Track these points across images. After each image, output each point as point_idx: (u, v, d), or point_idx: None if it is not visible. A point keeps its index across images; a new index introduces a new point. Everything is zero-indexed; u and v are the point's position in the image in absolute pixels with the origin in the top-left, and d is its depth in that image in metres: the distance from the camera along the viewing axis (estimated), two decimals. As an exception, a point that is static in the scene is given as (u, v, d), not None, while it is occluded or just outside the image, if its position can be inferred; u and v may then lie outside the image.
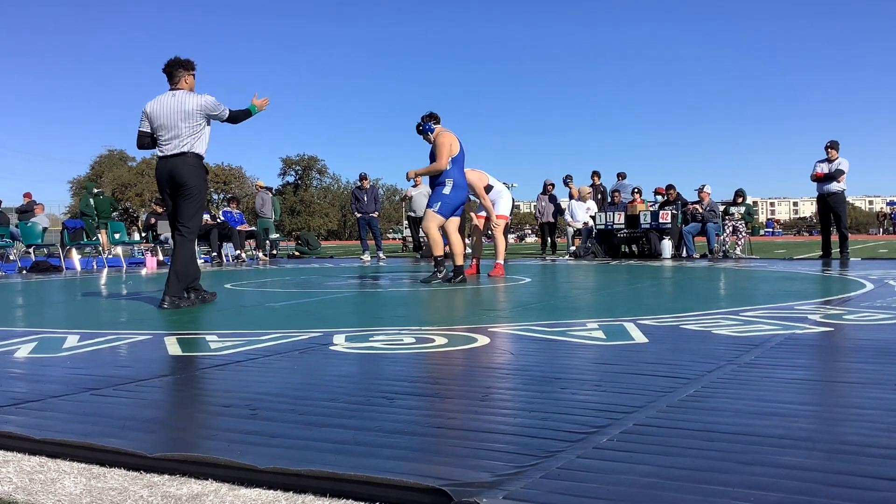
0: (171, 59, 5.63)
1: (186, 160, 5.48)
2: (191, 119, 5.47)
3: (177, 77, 5.61)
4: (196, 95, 5.55)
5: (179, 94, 5.56)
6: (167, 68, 5.61)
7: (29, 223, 13.16)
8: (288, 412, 2.16)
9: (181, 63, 5.63)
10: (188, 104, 5.48)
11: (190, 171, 5.49)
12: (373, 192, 15.38)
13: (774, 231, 45.20)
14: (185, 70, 5.64)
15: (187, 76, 5.65)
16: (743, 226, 13.08)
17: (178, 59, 5.64)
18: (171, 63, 5.62)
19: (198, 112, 5.49)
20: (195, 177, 5.51)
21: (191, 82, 5.68)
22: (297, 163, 69.61)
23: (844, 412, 2.15)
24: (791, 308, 4.66)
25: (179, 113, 5.47)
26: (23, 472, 1.73)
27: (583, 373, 2.76)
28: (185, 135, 5.47)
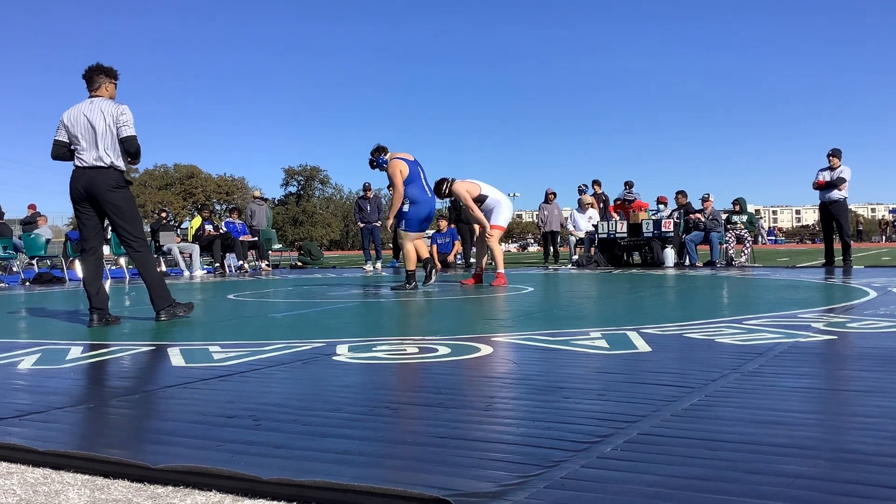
0: (92, 65, 5.35)
1: (106, 175, 5.17)
2: (106, 129, 5.16)
3: (96, 83, 5.32)
4: (113, 104, 5.24)
5: (98, 101, 5.24)
6: (87, 73, 5.33)
7: (32, 234, 13.18)
8: (291, 423, 2.16)
9: (103, 69, 5.37)
10: (108, 111, 5.19)
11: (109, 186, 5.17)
12: (376, 201, 15.44)
13: (777, 239, 45.12)
14: (108, 77, 5.37)
15: (108, 84, 5.37)
16: (747, 234, 13.09)
17: (99, 65, 5.38)
18: (92, 68, 5.34)
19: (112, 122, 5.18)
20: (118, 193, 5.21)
21: (111, 91, 5.39)
22: (300, 173, 69.78)
23: (849, 420, 2.14)
24: (794, 316, 4.66)
25: (96, 121, 5.17)
26: (27, 484, 1.73)
27: (586, 382, 2.76)
28: (102, 145, 5.17)
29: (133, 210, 5.36)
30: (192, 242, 14.46)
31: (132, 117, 5.22)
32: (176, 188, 56.33)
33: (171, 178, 57.07)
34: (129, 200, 5.32)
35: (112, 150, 5.20)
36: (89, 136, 5.21)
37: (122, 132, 5.17)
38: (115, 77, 5.43)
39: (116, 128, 5.17)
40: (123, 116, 5.18)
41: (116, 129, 5.17)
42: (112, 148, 5.20)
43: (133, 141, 5.20)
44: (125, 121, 5.18)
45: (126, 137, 5.18)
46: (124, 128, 5.17)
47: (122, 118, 5.18)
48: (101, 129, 5.17)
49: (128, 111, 5.23)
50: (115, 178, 5.22)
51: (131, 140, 5.19)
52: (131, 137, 5.19)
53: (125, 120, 5.18)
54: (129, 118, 5.20)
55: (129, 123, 5.19)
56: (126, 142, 5.19)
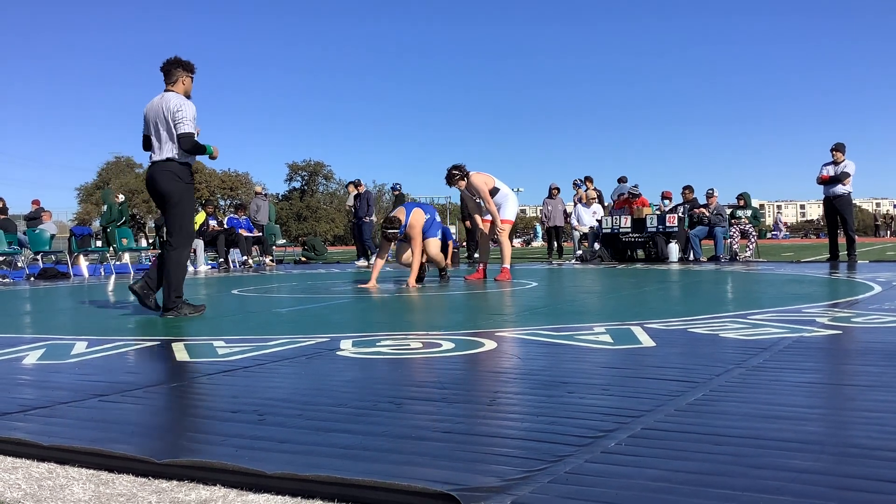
0: (171, 58, 5.35)
1: (165, 167, 5.22)
2: (167, 124, 5.17)
3: (174, 76, 5.32)
4: (177, 98, 5.23)
5: (165, 96, 5.26)
6: (165, 66, 5.33)
7: (37, 230, 13.21)
8: (295, 417, 2.16)
9: (181, 63, 5.35)
10: (169, 106, 5.18)
11: (166, 178, 5.21)
12: (365, 197, 15.45)
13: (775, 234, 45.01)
14: (185, 71, 5.35)
15: (185, 77, 5.35)
16: (752, 229, 13.06)
17: (177, 59, 5.36)
18: (170, 61, 5.35)
19: (170, 115, 5.17)
20: (172, 184, 5.22)
21: (188, 85, 5.38)
22: (304, 168, 69.76)
23: (853, 415, 2.14)
24: (799, 311, 4.65)
25: (159, 117, 5.21)
26: (32, 479, 1.74)
27: (590, 377, 2.76)
28: (164, 139, 5.19)
29: (183, 206, 5.30)
30: (196, 238, 14.47)
31: (190, 113, 5.19)
32: (180, 184, 56.39)
33: (175, 173, 57.12)
34: (182, 194, 5.27)
35: (171, 144, 5.20)
36: (155, 129, 5.25)
37: (178, 128, 5.17)
38: (192, 71, 5.41)
39: (174, 123, 5.16)
40: (180, 112, 5.16)
41: (174, 124, 5.17)
42: (171, 142, 5.20)
43: (187, 138, 5.17)
44: (181, 117, 5.15)
45: (180, 134, 5.17)
46: (180, 124, 5.16)
47: (178, 114, 5.16)
48: (163, 124, 5.20)
49: (186, 107, 5.19)
50: (172, 171, 5.22)
51: (184, 137, 5.17)
52: (184, 135, 5.17)
53: (181, 116, 5.16)
54: (185, 114, 5.16)
55: (184, 120, 5.15)
56: (181, 138, 5.17)
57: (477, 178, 8.59)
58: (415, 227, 7.85)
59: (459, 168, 8.61)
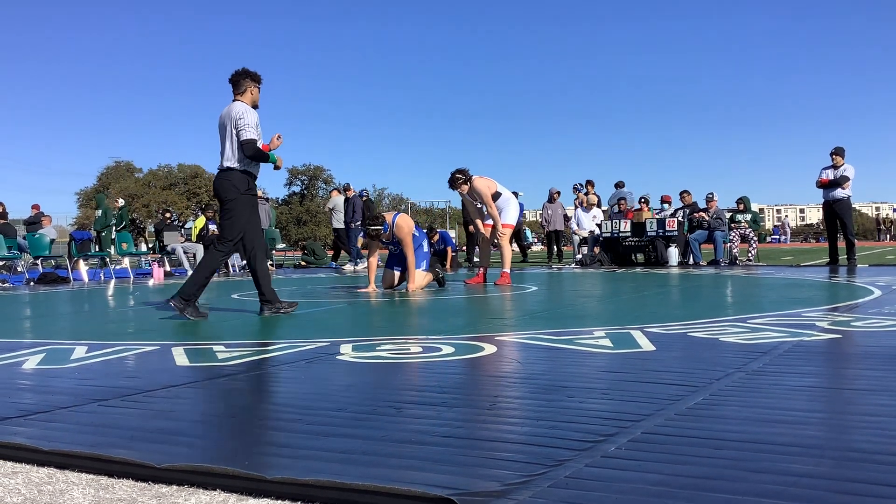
0: (240, 69, 5.48)
1: (225, 176, 5.35)
2: (230, 132, 5.30)
3: (242, 87, 5.44)
4: (240, 107, 5.33)
5: (231, 105, 5.39)
6: (234, 77, 5.46)
7: (36, 235, 13.20)
8: (295, 422, 2.16)
9: (249, 74, 5.47)
10: (232, 114, 5.31)
11: (225, 187, 5.34)
12: (352, 202, 15.39)
13: (781, 238, 45.03)
14: (253, 82, 5.47)
15: (253, 88, 5.46)
16: (752, 233, 13.06)
17: (246, 70, 5.48)
18: (239, 72, 5.47)
19: (232, 123, 5.28)
20: (229, 193, 5.32)
21: (255, 95, 5.48)
22: (304, 172, 69.80)
23: (853, 419, 2.14)
24: (799, 315, 4.65)
25: (226, 126, 5.34)
26: (31, 484, 1.74)
27: (590, 381, 2.76)
28: (227, 148, 5.34)
29: (237, 216, 5.38)
30: (196, 242, 14.48)
31: (252, 121, 5.29)
32: (180, 188, 56.33)
33: (175, 178, 57.06)
34: (236, 204, 5.35)
35: (234, 152, 5.32)
36: (221, 137, 5.38)
37: (241, 135, 5.27)
38: (259, 81, 5.54)
39: (236, 130, 5.26)
40: (241, 120, 5.25)
41: (236, 131, 5.26)
42: (234, 150, 5.31)
43: (248, 145, 5.27)
44: (243, 124, 5.25)
45: (242, 140, 5.27)
46: (242, 131, 5.26)
47: (240, 122, 5.26)
48: (228, 132, 5.31)
49: (248, 115, 5.29)
50: (230, 181, 5.34)
51: (246, 144, 5.26)
52: (245, 141, 5.27)
53: (243, 123, 5.25)
54: (247, 121, 5.26)
55: (247, 126, 5.25)
56: (243, 144, 5.27)
57: (480, 182, 8.61)
58: (402, 228, 7.80)
59: (463, 172, 8.63)
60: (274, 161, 5.51)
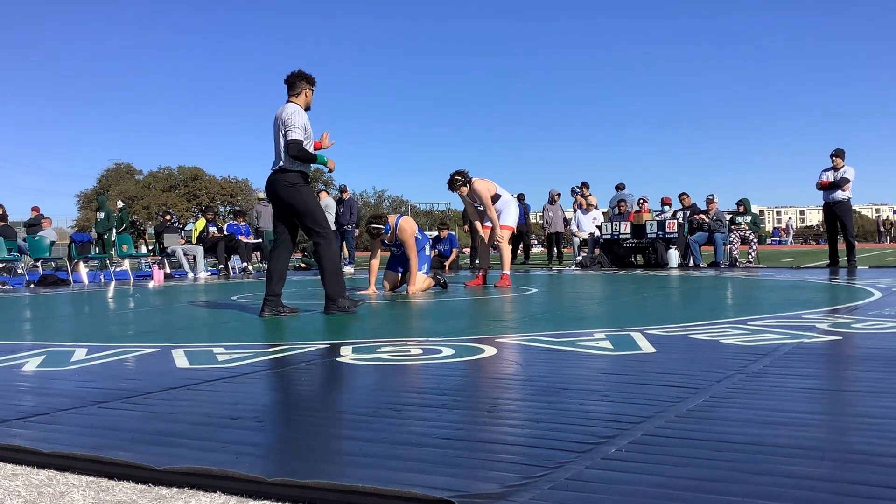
0: (295, 71, 5.59)
1: (278, 177, 5.45)
2: (280, 132, 5.40)
3: (298, 89, 5.54)
4: (291, 106, 5.45)
5: (284, 106, 5.50)
6: (290, 78, 5.56)
7: (37, 237, 13.20)
8: (296, 423, 2.16)
9: (304, 76, 5.57)
10: (282, 115, 5.42)
11: (279, 187, 5.44)
12: (349, 204, 15.42)
13: (781, 240, 45.01)
14: (308, 84, 5.58)
15: (307, 90, 5.58)
16: (752, 235, 13.07)
17: (301, 72, 5.59)
18: (294, 74, 5.57)
19: (282, 123, 5.39)
20: (286, 191, 5.42)
21: (309, 97, 5.59)
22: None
23: (854, 421, 2.14)
24: (799, 317, 4.65)
25: (276, 126, 5.46)
26: (31, 486, 1.74)
27: (590, 383, 2.76)
28: (279, 148, 5.44)
29: (309, 205, 5.51)
30: (196, 244, 14.48)
31: (300, 122, 5.38)
32: (180, 190, 56.27)
33: (175, 179, 57.00)
34: (303, 196, 5.47)
35: (280, 153, 5.42)
36: (274, 139, 5.49)
37: (287, 135, 5.36)
38: (313, 84, 5.64)
39: (285, 130, 5.37)
40: (290, 120, 5.36)
41: (285, 131, 5.37)
42: (279, 151, 5.42)
43: (293, 145, 5.36)
44: (291, 124, 5.35)
45: (288, 140, 5.37)
46: (289, 131, 5.36)
47: (288, 122, 5.36)
48: (278, 133, 5.43)
49: (297, 115, 5.39)
50: (285, 180, 5.43)
51: (291, 144, 5.35)
52: (290, 142, 5.35)
53: (291, 123, 5.35)
54: (294, 122, 5.36)
55: (294, 127, 5.35)
56: (288, 144, 5.36)
57: (479, 184, 8.61)
58: (405, 230, 7.86)
59: (462, 174, 8.63)
60: (324, 162, 5.61)
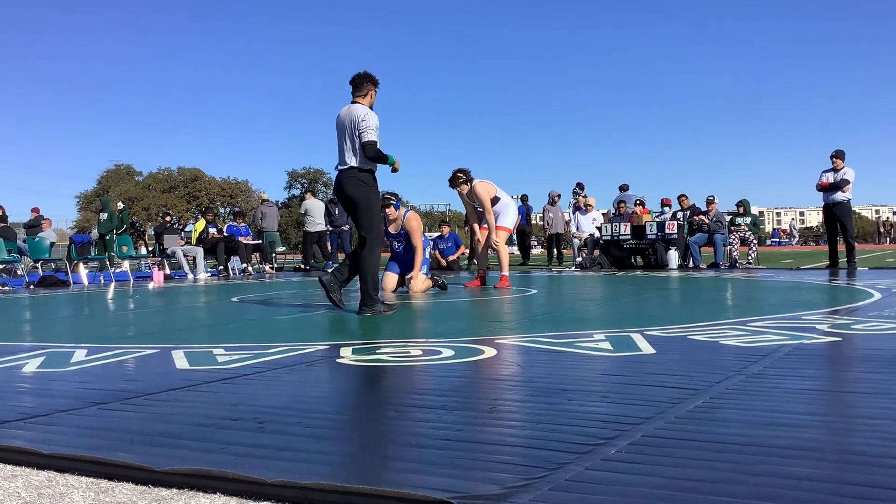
0: (361, 72, 5.73)
1: (351, 175, 5.56)
2: (352, 132, 5.52)
3: (364, 90, 5.68)
4: (361, 109, 5.58)
5: (352, 107, 5.64)
6: (356, 79, 5.70)
7: (36, 238, 13.20)
8: (295, 425, 2.16)
9: (370, 77, 5.73)
10: (354, 116, 5.54)
11: (352, 184, 5.56)
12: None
13: (782, 241, 45.04)
14: (373, 85, 5.73)
15: (372, 91, 5.73)
16: (752, 236, 13.07)
17: (367, 73, 5.74)
18: (360, 75, 5.71)
19: (355, 125, 5.52)
20: (358, 190, 5.56)
21: (373, 97, 5.74)
22: (303, 176, 69.88)
23: (854, 422, 2.14)
24: (799, 318, 4.65)
25: (346, 126, 5.57)
26: (31, 487, 1.74)
27: (590, 384, 2.76)
28: (348, 148, 5.55)
29: (372, 209, 5.64)
30: (196, 245, 14.48)
31: (374, 123, 5.51)
32: (180, 191, 56.24)
33: (174, 181, 56.98)
34: (369, 197, 5.61)
35: (354, 152, 5.53)
36: (341, 138, 5.62)
37: (363, 137, 5.48)
38: (377, 84, 5.78)
39: (359, 133, 5.48)
40: (364, 122, 5.48)
41: (358, 133, 5.48)
42: (354, 151, 5.53)
43: (370, 146, 5.48)
44: (365, 126, 5.47)
45: (364, 142, 5.48)
46: (364, 133, 5.48)
47: (363, 124, 5.48)
48: (348, 134, 5.54)
49: (370, 117, 5.52)
50: (356, 178, 5.56)
51: (368, 145, 5.48)
52: (367, 143, 5.48)
53: (365, 126, 5.47)
54: (369, 124, 5.49)
55: (369, 129, 5.48)
56: (364, 146, 5.48)
57: (480, 186, 8.62)
58: (412, 222, 8.05)
59: (465, 172, 8.65)
60: (392, 163, 5.70)
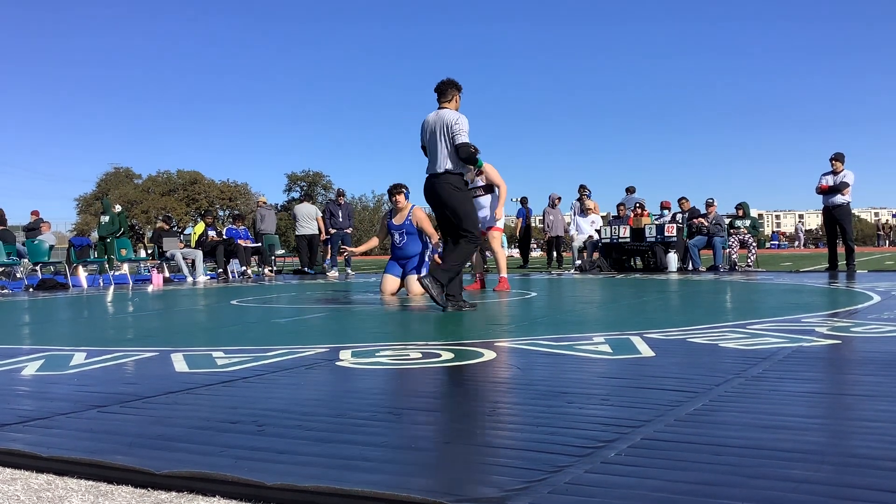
0: (445, 79, 5.93)
1: (443, 179, 5.72)
2: (444, 137, 5.67)
3: (449, 95, 5.85)
4: (451, 114, 5.75)
5: (441, 112, 5.79)
6: (441, 86, 5.88)
7: (36, 241, 13.20)
8: (295, 428, 2.16)
9: (454, 83, 5.91)
10: (446, 120, 5.68)
11: (446, 189, 5.71)
12: (347, 209, 15.65)
13: (780, 244, 45.05)
14: (457, 90, 5.91)
15: (457, 95, 5.91)
16: (751, 238, 13.08)
17: (451, 79, 5.93)
18: (445, 82, 5.90)
19: (445, 130, 5.66)
20: (453, 195, 5.71)
21: (458, 101, 5.92)
22: (303, 178, 69.88)
23: (853, 425, 2.14)
24: (798, 321, 4.65)
25: (436, 131, 5.71)
26: (30, 490, 1.73)
27: (590, 387, 2.76)
28: (440, 152, 5.68)
29: (468, 208, 5.82)
30: (195, 248, 14.48)
31: (466, 126, 5.69)
32: (179, 194, 56.28)
33: (174, 183, 57.01)
34: (462, 202, 5.79)
35: (447, 156, 5.70)
36: (431, 143, 5.79)
37: (456, 139, 5.68)
38: (460, 89, 5.94)
39: (451, 136, 5.65)
40: (457, 125, 5.66)
41: (451, 136, 5.65)
42: (447, 155, 5.69)
43: (464, 148, 5.67)
44: (458, 129, 5.65)
45: (458, 144, 5.65)
46: (457, 135, 5.68)
47: (455, 126, 5.67)
48: (440, 137, 5.70)
49: (463, 120, 5.69)
50: (450, 183, 5.72)
51: (462, 147, 5.67)
52: (461, 145, 5.67)
53: (458, 128, 5.66)
54: (462, 126, 5.67)
55: (461, 131, 5.66)
56: (458, 148, 5.68)
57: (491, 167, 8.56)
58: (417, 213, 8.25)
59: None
60: (480, 165, 5.94)
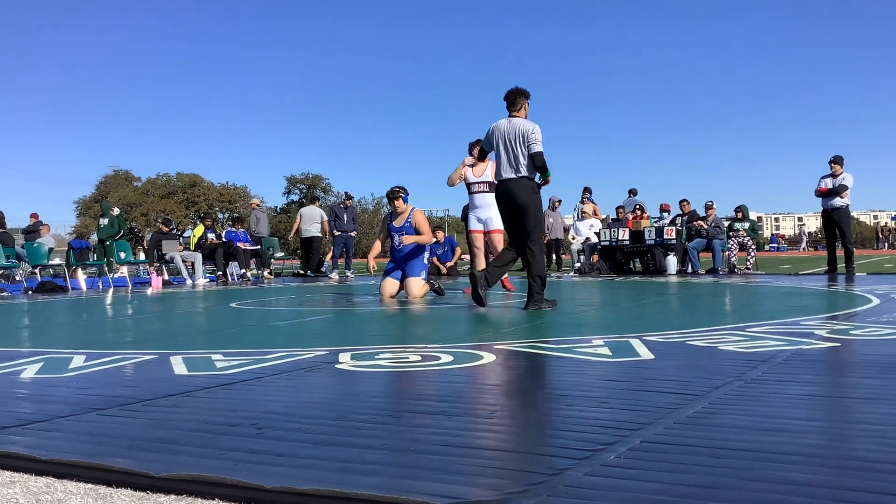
0: (513, 88, 6.17)
1: (520, 183, 5.95)
2: (521, 146, 5.90)
3: (518, 104, 6.13)
4: (526, 123, 6.00)
5: (514, 121, 6.06)
6: (510, 95, 6.14)
7: (35, 243, 13.20)
8: (294, 431, 2.16)
9: (523, 92, 6.17)
10: (522, 129, 5.96)
11: (525, 192, 5.93)
12: (352, 212, 15.70)
13: (779, 246, 45.08)
14: (526, 98, 6.17)
15: (526, 104, 6.17)
16: (751, 241, 13.09)
17: (520, 88, 6.17)
18: (514, 91, 6.15)
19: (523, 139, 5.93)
20: (531, 197, 5.96)
21: (527, 109, 6.19)
22: (302, 181, 69.89)
23: (852, 428, 2.14)
24: (797, 323, 4.65)
25: (511, 139, 5.97)
26: (29, 493, 1.73)
27: (589, 390, 2.76)
28: (517, 159, 5.95)
29: (539, 213, 6.10)
30: (194, 251, 14.48)
31: (540, 135, 5.95)
32: (178, 197, 56.21)
33: (173, 186, 56.92)
34: (538, 205, 6.06)
35: (521, 163, 5.95)
36: (506, 150, 6.02)
37: (532, 147, 5.94)
38: (529, 97, 6.23)
39: (527, 144, 5.90)
40: (534, 135, 5.93)
41: (527, 145, 5.91)
42: (521, 162, 5.94)
43: (539, 156, 5.95)
44: (534, 138, 5.91)
45: (533, 153, 5.94)
46: (534, 144, 5.94)
47: (532, 135, 5.93)
48: (517, 145, 5.95)
49: (538, 130, 5.97)
50: (528, 187, 5.99)
51: (537, 156, 5.94)
52: (537, 153, 5.94)
53: (534, 138, 5.94)
54: (537, 136, 5.95)
55: (538, 140, 5.93)
56: (534, 157, 5.95)
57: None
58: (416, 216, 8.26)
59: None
60: (548, 175, 6.10)
